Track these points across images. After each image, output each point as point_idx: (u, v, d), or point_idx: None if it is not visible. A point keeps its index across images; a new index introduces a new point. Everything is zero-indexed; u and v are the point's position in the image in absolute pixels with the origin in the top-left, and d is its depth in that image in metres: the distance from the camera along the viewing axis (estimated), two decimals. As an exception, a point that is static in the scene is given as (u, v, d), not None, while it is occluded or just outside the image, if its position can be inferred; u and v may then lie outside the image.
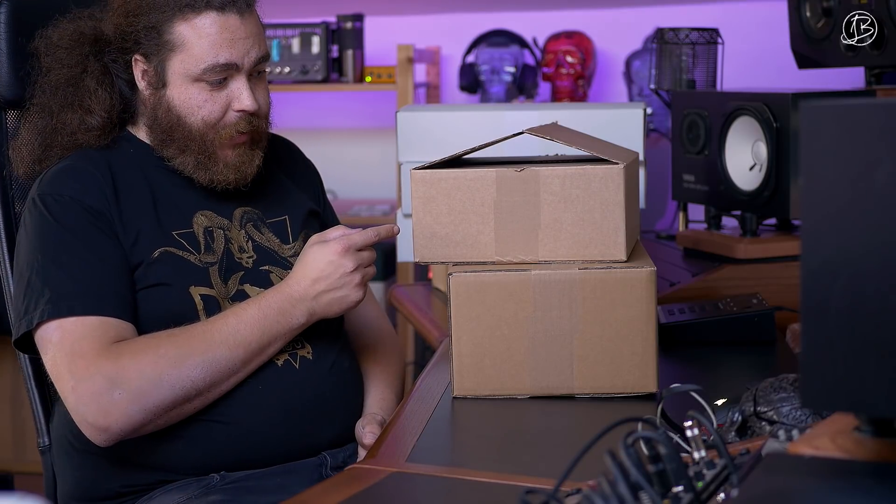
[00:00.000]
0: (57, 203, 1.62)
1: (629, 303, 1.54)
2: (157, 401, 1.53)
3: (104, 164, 1.68)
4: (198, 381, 1.56)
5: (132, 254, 1.63)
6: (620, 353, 1.54)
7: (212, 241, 1.69)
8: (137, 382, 1.52)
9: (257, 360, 1.62)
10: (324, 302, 1.61)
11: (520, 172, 1.56)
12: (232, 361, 1.58)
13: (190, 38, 1.64)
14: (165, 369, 1.54)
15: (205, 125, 1.67)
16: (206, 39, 1.63)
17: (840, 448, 0.93)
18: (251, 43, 1.66)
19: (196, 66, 1.64)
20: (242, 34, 1.65)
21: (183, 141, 1.67)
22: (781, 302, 1.96)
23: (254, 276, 1.70)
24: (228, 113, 1.67)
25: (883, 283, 0.86)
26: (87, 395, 1.52)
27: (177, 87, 1.66)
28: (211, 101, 1.66)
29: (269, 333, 1.60)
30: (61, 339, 1.54)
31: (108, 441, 1.55)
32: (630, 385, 1.55)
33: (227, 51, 1.64)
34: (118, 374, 1.52)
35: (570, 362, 1.55)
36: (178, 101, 1.66)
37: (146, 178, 1.70)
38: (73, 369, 1.53)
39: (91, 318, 1.55)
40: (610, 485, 0.89)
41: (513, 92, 3.44)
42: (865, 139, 0.86)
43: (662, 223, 3.21)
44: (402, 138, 2.17)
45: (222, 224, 1.72)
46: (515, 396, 1.56)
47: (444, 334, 1.96)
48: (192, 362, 1.55)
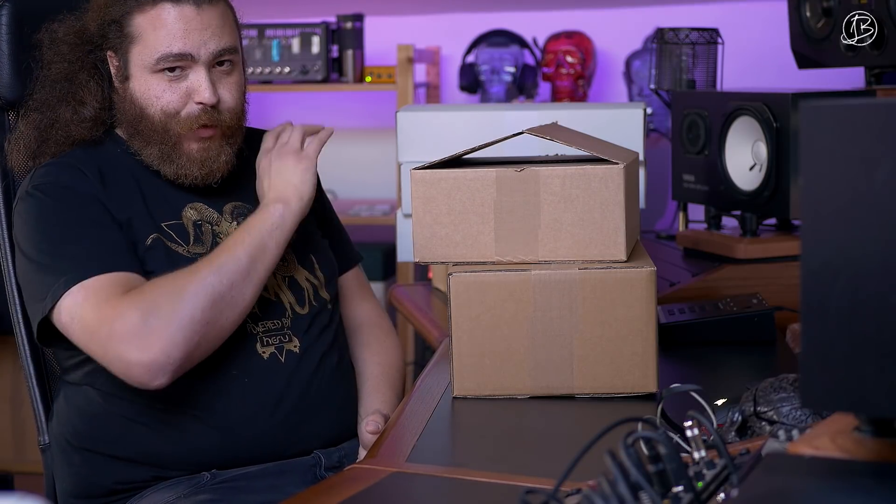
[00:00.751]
0: (52, 188, 1.65)
1: (629, 303, 1.54)
2: (190, 313, 1.55)
3: (93, 163, 1.70)
4: (217, 285, 1.58)
5: (127, 237, 1.65)
6: (620, 353, 1.54)
7: (200, 233, 1.71)
8: (165, 303, 1.54)
9: (262, 257, 1.64)
10: (280, 186, 1.71)
11: (520, 172, 1.56)
12: (238, 261, 1.61)
13: (146, 30, 1.66)
14: (185, 284, 1.57)
15: (165, 115, 1.68)
16: (161, 30, 1.65)
17: (840, 448, 0.93)
18: (209, 34, 1.67)
19: (151, 56, 1.66)
20: (198, 25, 1.66)
21: (147, 132, 1.69)
22: (781, 302, 1.96)
23: None
24: (189, 104, 1.68)
25: (883, 284, 0.86)
26: (125, 334, 1.53)
27: (137, 79, 1.68)
28: (170, 91, 1.67)
29: (257, 230, 1.65)
30: (86, 297, 1.56)
31: (162, 377, 1.55)
32: (630, 385, 1.55)
33: (180, 41, 1.65)
34: (145, 303, 1.54)
35: (570, 362, 1.55)
36: (139, 93, 1.68)
37: (134, 177, 1.72)
38: (104, 316, 1.54)
39: (110, 274, 1.58)
40: (610, 485, 0.89)
41: (513, 92, 3.44)
42: (865, 139, 0.86)
43: (662, 223, 3.21)
44: (402, 138, 2.17)
45: (211, 218, 1.74)
46: (515, 396, 1.56)
47: (444, 334, 1.96)
48: (204, 273, 1.59)
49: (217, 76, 1.69)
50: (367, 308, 1.94)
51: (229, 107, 1.71)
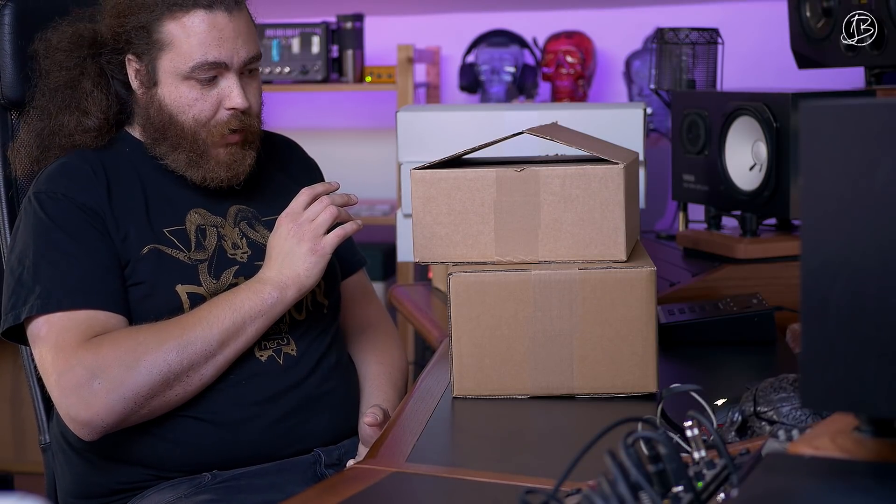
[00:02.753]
0: (50, 200, 1.64)
1: (629, 303, 1.54)
2: (136, 387, 1.54)
3: (98, 163, 1.69)
4: (174, 364, 1.56)
5: (122, 251, 1.64)
6: (620, 353, 1.54)
7: (203, 238, 1.70)
8: (116, 370, 1.54)
9: (234, 342, 1.61)
10: (286, 269, 1.62)
11: (520, 172, 1.56)
12: (207, 342, 1.58)
13: (178, 37, 1.65)
14: (142, 355, 1.55)
15: (196, 123, 1.68)
16: (194, 38, 1.64)
17: (840, 448, 0.93)
18: (241, 42, 1.67)
19: (185, 64, 1.65)
20: (231, 33, 1.66)
21: (175, 139, 1.69)
22: (781, 302, 1.96)
23: (248, 271, 1.70)
24: (220, 111, 1.68)
25: (883, 284, 0.86)
26: (69, 388, 1.54)
27: (167, 86, 1.67)
28: (202, 99, 1.67)
29: (241, 312, 1.60)
30: (47, 334, 1.57)
31: (93, 435, 1.57)
32: (630, 385, 1.55)
33: (215, 49, 1.65)
34: (97, 363, 1.54)
35: (570, 362, 1.55)
36: (170, 100, 1.68)
37: (140, 177, 1.71)
38: (56, 362, 1.55)
39: (78, 311, 1.58)
40: (610, 485, 0.89)
41: (513, 92, 3.44)
42: (865, 139, 0.86)
43: (662, 223, 3.21)
44: (402, 138, 2.17)
45: (215, 222, 1.73)
46: (515, 396, 1.56)
47: (444, 334, 1.96)
48: (168, 346, 1.56)
49: (245, 82, 1.70)
50: (370, 311, 1.94)
51: (255, 111, 1.73)
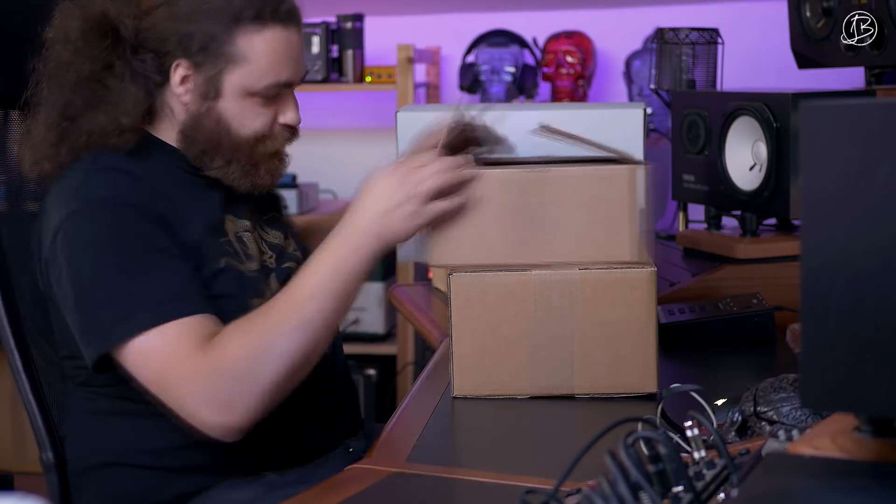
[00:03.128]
0: (112, 205, 1.51)
1: (630, 303, 1.54)
2: (272, 376, 1.44)
3: (139, 167, 1.57)
4: (302, 344, 1.46)
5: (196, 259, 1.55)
6: (621, 354, 1.55)
7: (244, 247, 1.62)
8: (246, 365, 1.43)
9: (346, 305, 1.52)
10: (385, 221, 1.52)
11: (528, 173, 1.56)
12: (325, 314, 1.47)
13: (253, 53, 1.55)
14: (269, 342, 1.45)
15: (255, 138, 1.60)
16: (272, 56, 1.56)
17: (840, 448, 0.93)
18: (303, 59, 1.63)
19: (259, 81, 1.57)
20: (299, 50, 1.61)
21: (229, 151, 1.59)
22: (781, 302, 1.96)
23: (281, 275, 1.63)
24: (275, 126, 1.62)
25: (883, 284, 0.86)
26: (204, 398, 1.43)
27: (231, 101, 1.57)
28: (263, 114, 1.60)
29: (348, 274, 1.49)
30: (163, 346, 1.45)
31: (239, 434, 1.46)
32: (630, 385, 1.55)
33: (289, 68, 1.59)
34: (226, 364, 1.43)
35: (570, 362, 1.55)
36: (231, 114, 1.58)
37: (174, 186, 1.60)
38: (182, 373, 1.44)
39: (186, 319, 1.46)
40: (610, 485, 0.89)
41: (513, 92, 3.44)
42: (865, 139, 0.86)
43: (662, 223, 3.21)
44: (402, 138, 2.17)
45: (244, 227, 1.65)
46: (515, 396, 1.56)
47: (444, 334, 1.96)
48: (290, 326, 1.46)
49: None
50: None
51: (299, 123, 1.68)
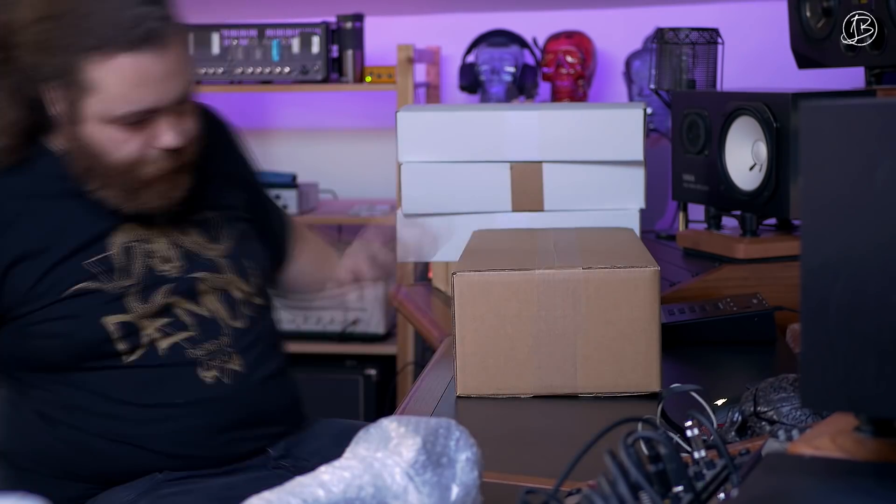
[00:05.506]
0: None
1: (633, 302, 1.54)
2: None
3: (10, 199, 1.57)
4: None
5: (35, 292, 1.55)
6: (624, 353, 1.55)
7: (129, 259, 1.60)
8: None
9: None
10: None
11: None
12: None
13: (102, 83, 1.49)
14: None
15: (125, 162, 1.55)
16: (120, 85, 1.49)
17: (840, 448, 0.93)
18: (170, 83, 1.52)
19: (111, 111, 1.51)
20: (160, 74, 1.51)
21: (104, 175, 1.56)
22: (781, 302, 1.96)
23: (184, 285, 1.63)
24: (148, 150, 1.55)
25: (883, 283, 0.86)
26: None
27: (93, 126, 1.53)
28: (131, 139, 1.53)
29: None
30: None
31: None
32: (633, 384, 1.55)
33: (144, 95, 1.51)
34: None
35: (573, 361, 1.55)
36: (96, 140, 1.54)
37: (57, 197, 1.59)
38: None
39: None
40: (610, 485, 0.89)
41: (513, 92, 3.44)
42: (865, 139, 0.86)
43: (662, 223, 3.21)
44: (402, 138, 2.17)
45: (143, 236, 1.62)
46: (519, 396, 1.56)
47: (445, 334, 1.96)
48: None
49: (177, 114, 1.56)
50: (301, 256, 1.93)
51: (190, 140, 1.59)
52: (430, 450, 0.97)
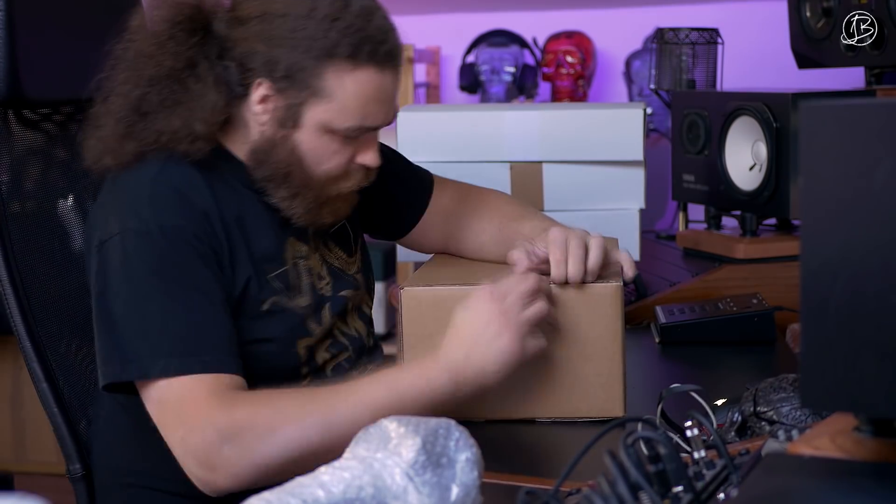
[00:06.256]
0: (167, 241, 1.41)
1: (593, 320, 1.43)
2: (267, 458, 1.32)
3: (203, 182, 1.47)
4: (315, 443, 1.32)
5: (240, 300, 1.47)
6: (584, 375, 1.44)
7: (298, 277, 1.53)
8: (249, 437, 1.32)
9: None
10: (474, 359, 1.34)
11: None
12: (355, 424, 1.19)
13: (341, 92, 1.43)
14: (282, 426, 1.33)
15: (327, 176, 1.49)
16: (359, 98, 1.44)
17: (840, 448, 0.93)
18: (396, 103, 1.50)
19: (341, 122, 1.45)
20: (392, 93, 1.48)
21: (299, 186, 1.49)
22: (781, 302, 1.96)
23: (336, 305, 1.57)
24: (351, 165, 1.50)
25: (883, 283, 0.86)
26: (195, 448, 1.33)
27: (309, 133, 1.46)
28: (340, 152, 1.48)
29: (399, 394, 1.34)
30: (179, 395, 1.36)
31: (219, 493, 1.36)
32: (595, 409, 1.44)
33: (377, 114, 1.47)
34: (230, 426, 1.33)
35: (529, 384, 1.44)
36: (307, 147, 1.47)
37: (240, 204, 1.50)
38: (184, 419, 1.35)
39: (209, 375, 1.36)
40: (609, 485, 0.89)
41: (513, 92, 3.44)
42: (865, 139, 0.86)
43: (662, 223, 3.21)
44: (402, 138, 2.17)
45: (303, 251, 1.55)
46: (472, 420, 1.33)
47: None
48: (311, 421, 1.33)
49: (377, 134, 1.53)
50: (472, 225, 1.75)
51: None
52: (429, 450, 0.97)
